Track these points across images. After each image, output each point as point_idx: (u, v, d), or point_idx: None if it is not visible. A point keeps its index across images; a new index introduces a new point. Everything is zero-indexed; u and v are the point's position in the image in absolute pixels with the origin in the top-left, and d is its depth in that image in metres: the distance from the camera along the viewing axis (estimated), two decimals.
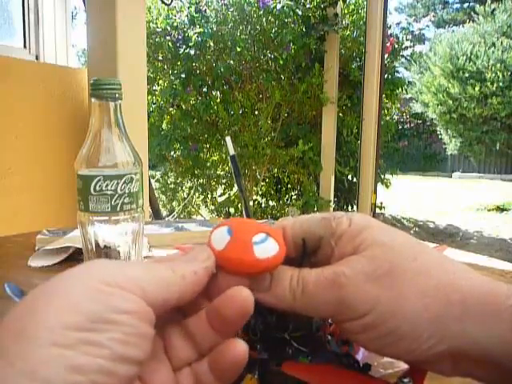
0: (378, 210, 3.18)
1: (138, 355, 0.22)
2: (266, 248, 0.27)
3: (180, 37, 2.98)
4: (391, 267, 0.27)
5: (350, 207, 3.49)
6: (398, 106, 3.93)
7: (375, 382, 0.32)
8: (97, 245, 0.54)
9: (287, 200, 3.37)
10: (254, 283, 0.28)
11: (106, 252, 0.54)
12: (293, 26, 2.81)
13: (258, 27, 2.84)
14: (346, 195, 3.45)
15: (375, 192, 3.04)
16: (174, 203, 3.53)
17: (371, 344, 0.27)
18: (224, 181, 3.30)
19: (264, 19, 2.81)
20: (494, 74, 6.03)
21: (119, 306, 0.21)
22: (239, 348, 0.24)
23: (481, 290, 0.26)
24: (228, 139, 0.33)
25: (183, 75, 3.06)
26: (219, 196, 3.35)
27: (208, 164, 3.26)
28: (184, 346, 0.26)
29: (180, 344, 0.26)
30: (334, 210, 3.30)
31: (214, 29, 2.88)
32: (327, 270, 0.28)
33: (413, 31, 3.46)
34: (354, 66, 3.10)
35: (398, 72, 3.51)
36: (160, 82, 3.25)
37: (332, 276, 0.27)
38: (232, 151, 0.32)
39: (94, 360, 0.20)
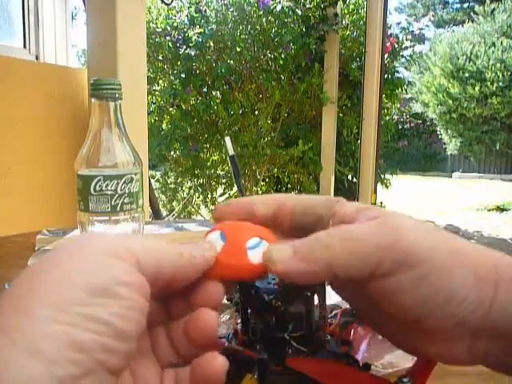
0: None
1: (136, 330, 0.21)
2: (260, 252, 0.27)
3: (180, 37, 2.98)
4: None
5: None
6: (398, 105, 3.93)
7: (377, 380, 0.32)
8: None
9: None
10: (271, 255, 0.25)
11: None
12: (293, 25, 2.81)
13: (257, 27, 2.84)
14: (346, 195, 3.44)
15: (375, 192, 3.04)
16: (174, 203, 3.52)
17: (411, 297, 0.23)
18: (224, 181, 3.29)
19: (264, 19, 2.81)
20: (493, 74, 6.03)
21: (119, 278, 0.21)
22: (218, 362, 0.23)
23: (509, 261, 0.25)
24: (227, 139, 0.33)
25: (183, 75, 3.06)
26: (219, 196, 3.35)
27: (208, 164, 3.25)
28: (168, 347, 0.26)
29: (164, 344, 0.26)
30: None
31: (214, 29, 2.88)
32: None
33: (413, 31, 3.45)
34: (353, 66, 3.10)
35: (398, 72, 3.50)
36: (160, 81, 3.25)
37: (383, 219, 0.24)
38: (231, 151, 0.32)
39: (96, 337, 0.19)
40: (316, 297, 0.32)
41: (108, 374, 0.20)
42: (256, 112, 3.00)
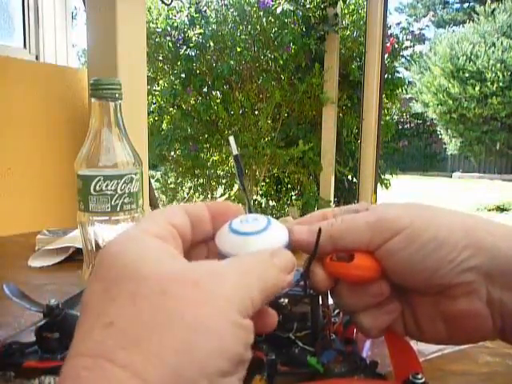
0: None
1: None
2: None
3: (180, 37, 2.98)
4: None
5: None
6: (398, 105, 3.92)
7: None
8: (97, 245, 0.54)
9: (287, 200, 3.37)
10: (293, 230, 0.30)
11: None
12: (293, 26, 2.81)
13: (258, 27, 2.84)
14: (346, 195, 3.44)
15: (375, 192, 3.04)
16: (174, 203, 3.52)
17: (412, 259, 0.28)
18: (224, 181, 3.30)
19: (264, 19, 2.81)
20: (493, 74, 6.03)
21: (249, 343, 0.22)
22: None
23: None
24: (231, 139, 0.32)
25: (183, 75, 3.06)
26: (219, 196, 3.35)
27: (208, 164, 3.25)
28: None
29: None
30: None
31: (214, 29, 2.88)
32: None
33: (413, 31, 3.45)
34: (354, 66, 3.10)
35: (398, 72, 3.50)
36: (160, 82, 3.25)
37: (370, 208, 0.31)
38: (235, 151, 0.32)
39: None
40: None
41: None
42: (256, 112, 3.01)
